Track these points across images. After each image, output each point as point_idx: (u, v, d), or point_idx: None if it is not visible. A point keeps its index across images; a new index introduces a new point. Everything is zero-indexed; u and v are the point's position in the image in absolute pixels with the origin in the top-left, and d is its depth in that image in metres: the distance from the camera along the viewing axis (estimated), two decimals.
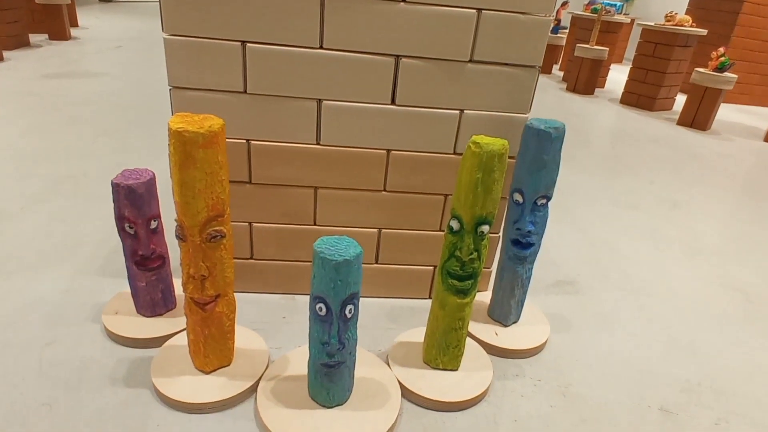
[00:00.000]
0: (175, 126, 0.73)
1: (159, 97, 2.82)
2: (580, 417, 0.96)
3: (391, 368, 1.00)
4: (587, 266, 1.51)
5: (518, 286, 1.11)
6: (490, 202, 0.84)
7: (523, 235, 1.04)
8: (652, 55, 3.76)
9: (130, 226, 0.96)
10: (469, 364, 1.02)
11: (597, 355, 1.13)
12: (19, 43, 3.69)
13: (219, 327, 0.90)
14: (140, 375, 0.94)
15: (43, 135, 2.09)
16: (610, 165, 2.49)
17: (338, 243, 0.77)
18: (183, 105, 1.00)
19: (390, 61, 0.99)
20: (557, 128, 0.95)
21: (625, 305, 1.34)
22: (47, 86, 2.79)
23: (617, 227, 1.80)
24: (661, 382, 1.08)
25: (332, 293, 0.76)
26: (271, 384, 0.93)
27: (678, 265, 1.58)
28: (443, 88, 1.02)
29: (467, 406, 0.95)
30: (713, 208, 2.08)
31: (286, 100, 1.01)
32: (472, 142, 0.82)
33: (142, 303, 1.05)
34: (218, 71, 0.97)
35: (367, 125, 1.04)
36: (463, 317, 0.95)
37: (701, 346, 1.21)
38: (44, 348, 0.99)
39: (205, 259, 0.82)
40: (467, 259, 0.88)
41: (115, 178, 0.94)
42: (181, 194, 0.76)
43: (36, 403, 0.87)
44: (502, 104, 1.05)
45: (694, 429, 0.96)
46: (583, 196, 2.06)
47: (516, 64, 1.02)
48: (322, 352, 0.82)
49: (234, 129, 1.02)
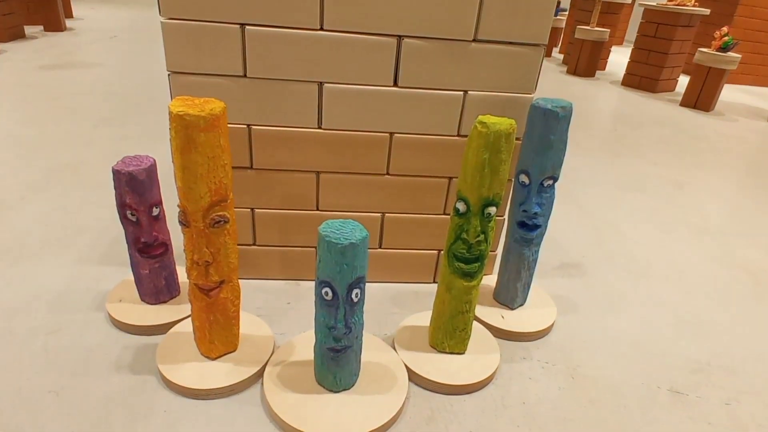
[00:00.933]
0: (176, 109, 0.71)
1: (155, 86, 2.80)
2: (589, 399, 0.96)
3: (398, 352, 0.99)
4: (592, 248, 1.50)
5: (524, 269, 1.10)
6: (497, 183, 0.83)
7: (529, 217, 1.02)
8: (654, 36, 3.72)
9: (132, 213, 0.95)
10: (475, 347, 1.02)
11: (605, 337, 1.13)
12: (14, 35, 3.66)
13: (224, 313, 0.90)
14: (146, 362, 0.94)
15: (42, 125, 2.07)
16: (612, 147, 2.47)
17: (343, 226, 0.76)
18: (182, 90, 0.98)
19: (392, 42, 0.97)
20: (564, 107, 0.93)
21: (631, 287, 1.33)
22: (44, 77, 2.77)
23: (622, 209, 1.79)
24: (670, 363, 1.07)
25: (338, 277, 0.75)
26: (277, 369, 0.92)
27: (684, 245, 1.57)
28: (446, 68, 1.01)
29: (475, 389, 0.95)
30: (718, 189, 2.07)
31: (287, 83, 0.99)
32: (479, 122, 0.81)
33: (145, 290, 1.04)
34: (217, 55, 0.95)
35: (369, 108, 1.03)
36: (470, 300, 0.94)
37: (710, 327, 1.20)
38: (49, 336, 0.98)
39: (209, 244, 0.81)
40: (474, 241, 0.87)
41: (116, 165, 0.93)
42: (183, 179, 0.75)
43: (43, 390, 0.86)
44: (506, 84, 1.03)
45: (704, 409, 0.96)
46: (586, 178, 2.04)
47: (521, 43, 1.00)
48: (329, 337, 0.81)
49: (234, 114, 1.01)
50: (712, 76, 3.31)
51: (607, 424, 0.90)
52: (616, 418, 0.92)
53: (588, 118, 2.97)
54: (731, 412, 0.96)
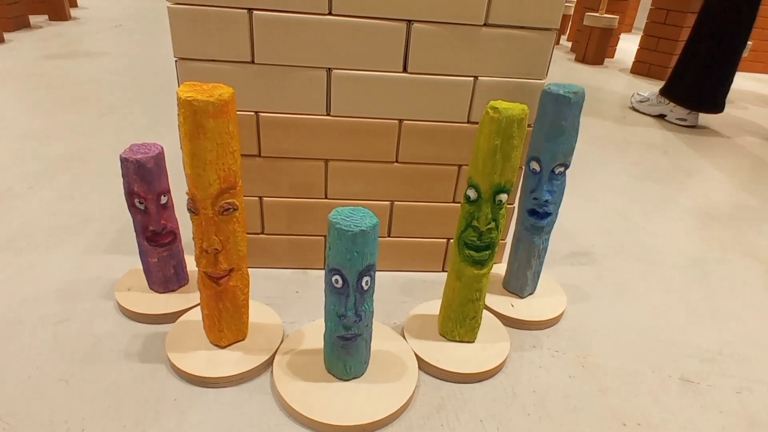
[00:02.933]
0: (184, 95, 0.70)
1: (161, 75, 2.79)
2: (600, 387, 0.95)
3: (407, 341, 0.99)
4: (602, 237, 1.49)
5: (535, 257, 1.09)
6: (509, 169, 0.82)
7: (540, 205, 1.01)
8: (664, 23, 3.67)
9: (141, 201, 0.95)
10: (485, 335, 1.01)
11: (615, 326, 1.12)
12: (19, 25, 3.65)
13: (233, 301, 0.89)
14: (155, 350, 0.94)
15: (48, 114, 2.07)
16: (621, 135, 2.44)
17: (354, 214, 0.75)
18: (189, 77, 0.97)
19: (401, 26, 0.96)
20: (576, 92, 0.92)
21: (642, 275, 1.32)
22: (49, 66, 2.77)
23: (631, 197, 1.77)
24: (681, 351, 1.06)
25: (348, 265, 0.75)
26: (287, 358, 0.92)
27: (695, 233, 1.56)
28: (457, 53, 0.99)
29: (485, 378, 0.94)
30: (728, 177, 2.05)
31: (295, 69, 0.98)
32: (490, 107, 0.79)
33: (154, 279, 1.04)
34: (225, 41, 0.94)
35: (378, 94, 1.02)
36: (480, 288, 0.93)
37: (721, 315, 1.19)
38: (58, 325, 0.98)
39: (218, 232, 0.80)
40: (485, 229, 0.86)
41: (124, 152, 0.93)
42: (192, 165, 0.74)
43: (52, 378, 0.86)
44: (517, 70, 1.02)
45: (715, 398, 0.95)
46: (594, 166, 2.02)
47: (532, 27, 0.98)
48: (339, 325, 0.81)
49: (242, 100, 1.00)
50: None
51: (618, 412, 0.90)
52: (627, 407, 0.91)
53: (597, 105, 2.94)
54: (743, 401, 0.95)
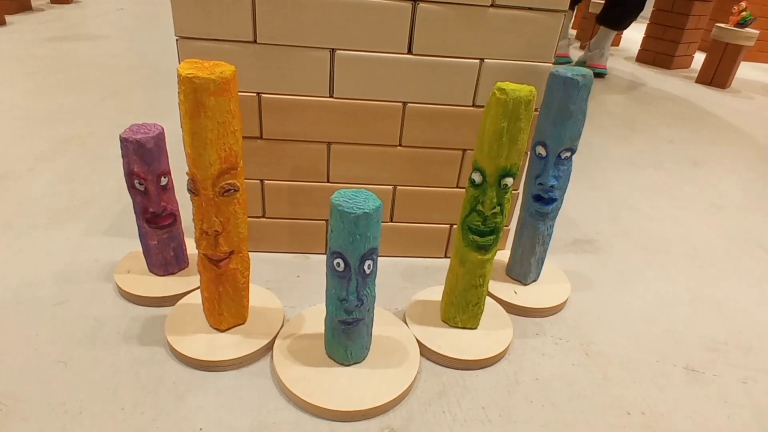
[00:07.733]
0: (185, 72, 0.69)
1: (163, 58, 2.76)
2: (604, 375, 0.94)
3: (409, 327, 0.98)
4: (606, 225, 1.47)
5: (539, 244, 1.07)
6: (515, 152, 0.80)
7: (545, 190, 1.00)
8: (671, 11, 3.62)
9: (140, 182, 0.93)
10: (488, 322, 1.00)
11: (619, 314, 1.11)
12: (20, 7, 3.62)
13: (233, 284, 0.88)
14: (155, 333, 0.93)
15: (48, 97, 2.05)
16: (627, 123, 2.42)
17: (356, 196, 0.74)
18: (191, 56, 0.95)
19: (407, 6, 0.94)
20: (584, 75, 0.90)
21: (646, 264, 1.31)
22: (51, 49, 2.74)
23: (636, 186, 1.75)
24: (685, 340, 1.05)
25: (351, 248, 0.73)
26: (288, 342, 0.91)
27: (700, 223, 1.54)
28: (463, 35, 0.97)
29: (488, 365, 0.93)
30: (734, 166, 2.02)
31: (298, 50, 0.96)
32: (497, 88, 0.77)
33: (154, 261, 1.03)
34: (227, 19, 0.92)
35: (382, 76, 1.00)
36: (483, 274, 0.92)
37: (726, 304, 1.18)
38: (57, 306, 0.97)
39: (218, 213, 0.79)
40: (489, 213, 0.85)
41: (124, 132, 0.91)
42: (192, 145, 0.73)
43: (50, 360, 0.85)
44: (524, 52, 1.00)
45: (720, 388, 0.94)
46: (599, 154, 2.00)
47: (540, 8, 0.96)
48: (340, 309, 0.80)
49: (244, 81, 0.98)
50: (729, 52, 3.23)
51: (622, 401, 0.89)
52: (631, 396, 0.90)
53: (602, 94, 2.91)
54: (748, 391, 0.94)
